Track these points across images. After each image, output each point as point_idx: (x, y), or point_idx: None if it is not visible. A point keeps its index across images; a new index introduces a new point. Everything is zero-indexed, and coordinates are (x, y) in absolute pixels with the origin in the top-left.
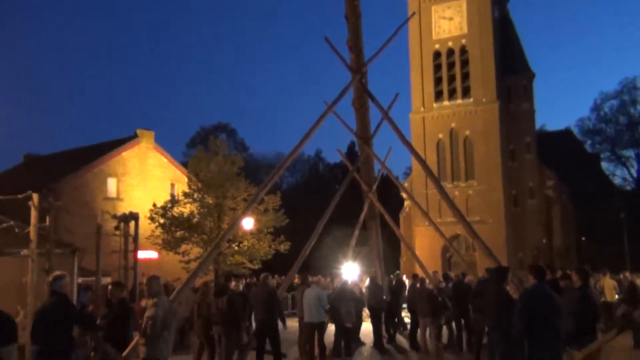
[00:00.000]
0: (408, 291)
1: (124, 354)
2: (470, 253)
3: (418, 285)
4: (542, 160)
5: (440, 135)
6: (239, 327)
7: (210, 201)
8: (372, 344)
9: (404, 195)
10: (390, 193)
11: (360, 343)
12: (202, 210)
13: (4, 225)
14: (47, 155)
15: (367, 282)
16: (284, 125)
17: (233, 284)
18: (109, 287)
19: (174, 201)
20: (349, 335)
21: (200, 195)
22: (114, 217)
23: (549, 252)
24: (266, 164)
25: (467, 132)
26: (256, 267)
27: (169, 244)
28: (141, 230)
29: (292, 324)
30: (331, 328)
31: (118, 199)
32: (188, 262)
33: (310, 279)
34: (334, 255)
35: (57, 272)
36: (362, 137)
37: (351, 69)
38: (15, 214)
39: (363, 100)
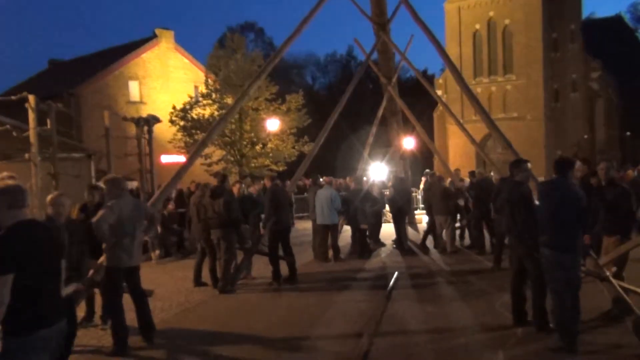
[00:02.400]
0: (424, 189)
1: (99, 260)
2: (506, 151)
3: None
4: (587, 51)
5: (477, 26)
6: (239, 230)
7: (230, 102)
8: (392, 244)
9: (439, 91)
10: (426, 90)
11: (380, 244)
12: (222, 111)
13: (1, 128)
14: (71, 60)
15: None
16: (315, 24)
17: (237, 186)
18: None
19: (193, 103)
20: (364, 236)
21: (219, 96)
22: (125, 119)
23: (590, 148)
24: (297, 64)
25: (507, 22)
26: (280, 168)
27: (191, 147)
28: (165, 134)
29: (306, 225)
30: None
31: (141, 102)
32: (210, 165)
33: (321, 179)
34: (358, 156)
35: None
36: (378, 22)
37: None
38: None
39: None
